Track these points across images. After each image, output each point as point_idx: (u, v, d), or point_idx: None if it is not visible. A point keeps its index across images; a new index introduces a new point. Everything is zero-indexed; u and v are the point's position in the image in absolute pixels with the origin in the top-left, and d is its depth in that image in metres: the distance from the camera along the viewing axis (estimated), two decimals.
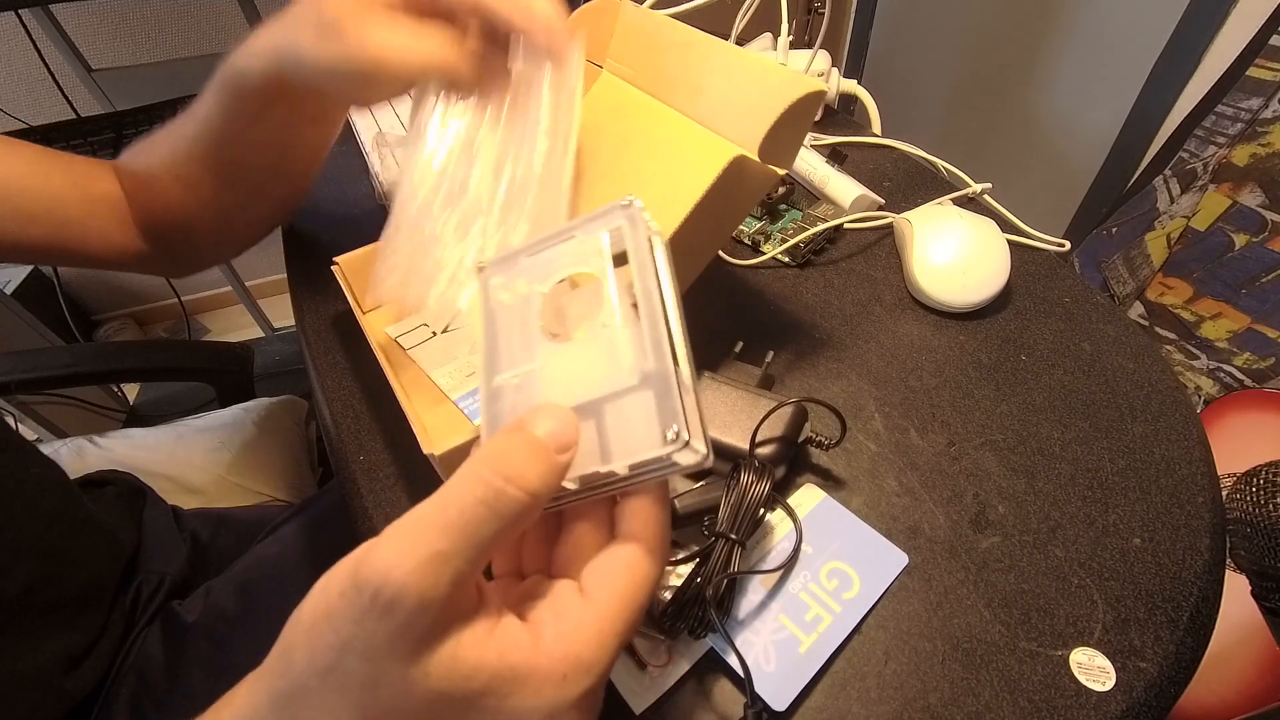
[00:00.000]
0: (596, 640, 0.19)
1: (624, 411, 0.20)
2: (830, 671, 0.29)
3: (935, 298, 0.45)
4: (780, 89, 0.33)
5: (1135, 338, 0.43)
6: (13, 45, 1.20)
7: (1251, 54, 0.93)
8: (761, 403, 0.34)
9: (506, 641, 0.18)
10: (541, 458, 0.19)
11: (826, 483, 0.36)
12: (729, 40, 0.57)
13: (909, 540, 0.33)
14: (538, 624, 0.19)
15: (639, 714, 0.28)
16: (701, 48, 0.38)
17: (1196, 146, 1.01)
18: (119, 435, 0.74)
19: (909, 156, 0.60)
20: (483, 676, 0.17)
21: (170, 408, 1.00)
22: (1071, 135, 1.24)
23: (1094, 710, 0.27)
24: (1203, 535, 0.33)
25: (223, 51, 0.34)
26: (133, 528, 0.55)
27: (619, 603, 0.19)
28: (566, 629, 0.19)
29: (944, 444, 0.38)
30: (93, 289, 1.63)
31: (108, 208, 0.44)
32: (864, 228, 0.53)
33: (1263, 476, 0.48)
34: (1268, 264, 0.98)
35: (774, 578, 0.31)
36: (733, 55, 0.37)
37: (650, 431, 0.19)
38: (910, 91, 1.53)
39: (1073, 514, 0.34)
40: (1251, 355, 1.03)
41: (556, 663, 0.18)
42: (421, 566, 0.16)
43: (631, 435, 0.20)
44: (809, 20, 1.38)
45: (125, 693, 0.46)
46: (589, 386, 0.21)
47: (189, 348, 0.82)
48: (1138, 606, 0.30)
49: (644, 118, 0.40)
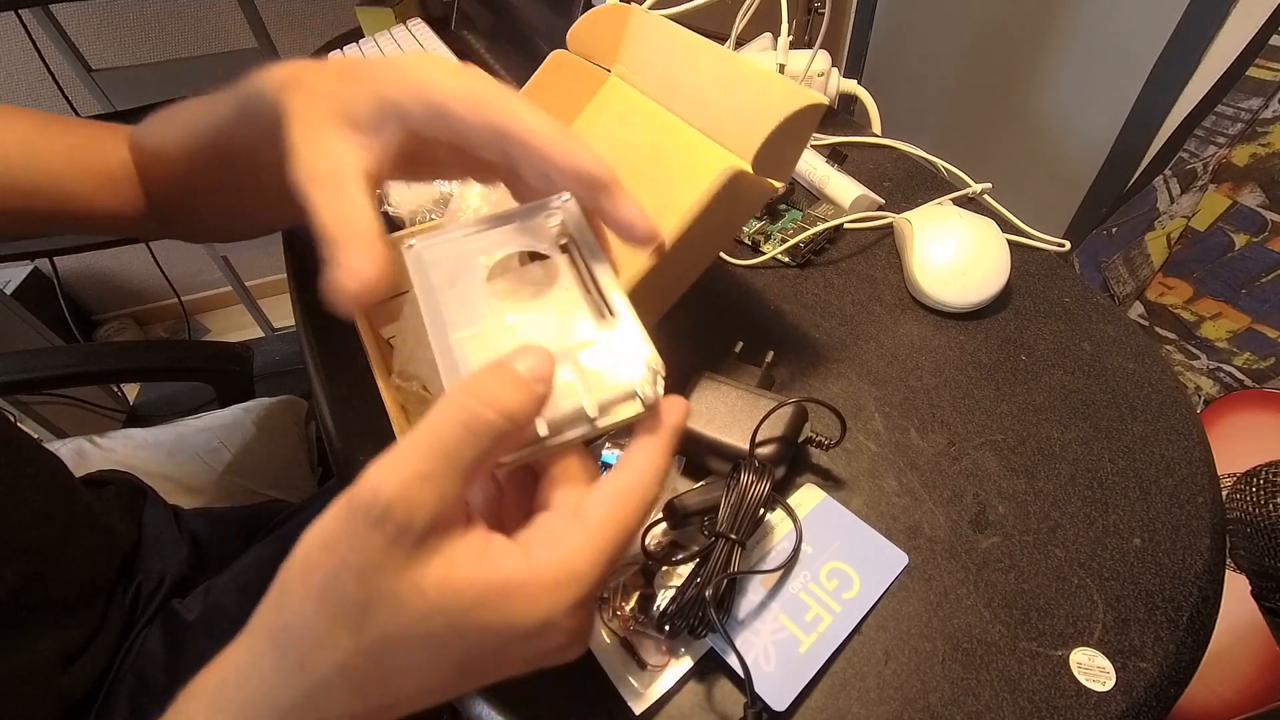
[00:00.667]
0: (589, 553, 0.19)
1: (593, 359, 0.22)
2: (830, 671, 0.29)
3: (935, 298, 0.45)
4: (779, 100, 0.33)
5: (1135, 338, 0.43)
6: (13, 45, 1.20)
7: (1251, 54, 0.93)
8: (761, 403, 0.34)
9: (499, 555, 0.19)
10: (519, 386, 0.19)
11: (826, 483, 0.36)
12: (729, 40, 0.57)
13: (909, 540, 0.33)
14: (528, 543, 0.20)
15: (639, 714, 0.28)
16: (707, 56, 0.38)
17: (1196, 146, 1.01)
18: (119, 435, 0.74)
19: (909, 156, 0.60)
20: (476, 589, 0.18)
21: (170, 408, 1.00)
22: (1071, 135, 1.24)
23: (1094, 710, 0.27)
24: (1203, 535, 0.33)
25: (222, 51, 0.34)
26: (132, 527, 0.55)
27: (612, 523, 0.20)
28: (557, 543, 0.19)
29: (944, 444, 0.38)
30: (93, 289, 1.63)
31: (109, 179, 0.43)
32: (864, 228, 0.53)
33: (1263, 476, 0.48)
34: (1268, 264, 0.98)
35: (774, 578, 0.31)
36: (737, 64, 0.36)
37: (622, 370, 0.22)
38: (910, 91, 1.53)
39: (1073, 514, 0.34)
40: (1251, 355, 1.03)
41: (550, 572, 0.19)
42: (408, 484, 0.17)
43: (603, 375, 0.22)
44: (809, 20, 1.38)
45: (125, 691, 0.46)
46: (556, 339, 0.23)
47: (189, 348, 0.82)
48: (1138, 606, 0.30)
49: (648, 124, 0.40)
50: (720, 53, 0.38)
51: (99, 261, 1.56)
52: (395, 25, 0.84)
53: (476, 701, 0.29)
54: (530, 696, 0.29)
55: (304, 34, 1.33)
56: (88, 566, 0.48)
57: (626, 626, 0.30)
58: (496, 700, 0.28)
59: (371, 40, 0.81)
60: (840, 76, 0.64)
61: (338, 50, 0.80)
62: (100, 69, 1.12)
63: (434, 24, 0.83)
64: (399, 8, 0.88)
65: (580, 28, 0.42)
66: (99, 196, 0.42)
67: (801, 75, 0.59)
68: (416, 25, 0.82)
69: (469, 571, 0.18)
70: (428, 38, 0.78)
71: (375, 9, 0.87)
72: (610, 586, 0.31)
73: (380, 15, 0.87)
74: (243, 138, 0.36)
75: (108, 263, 1.57)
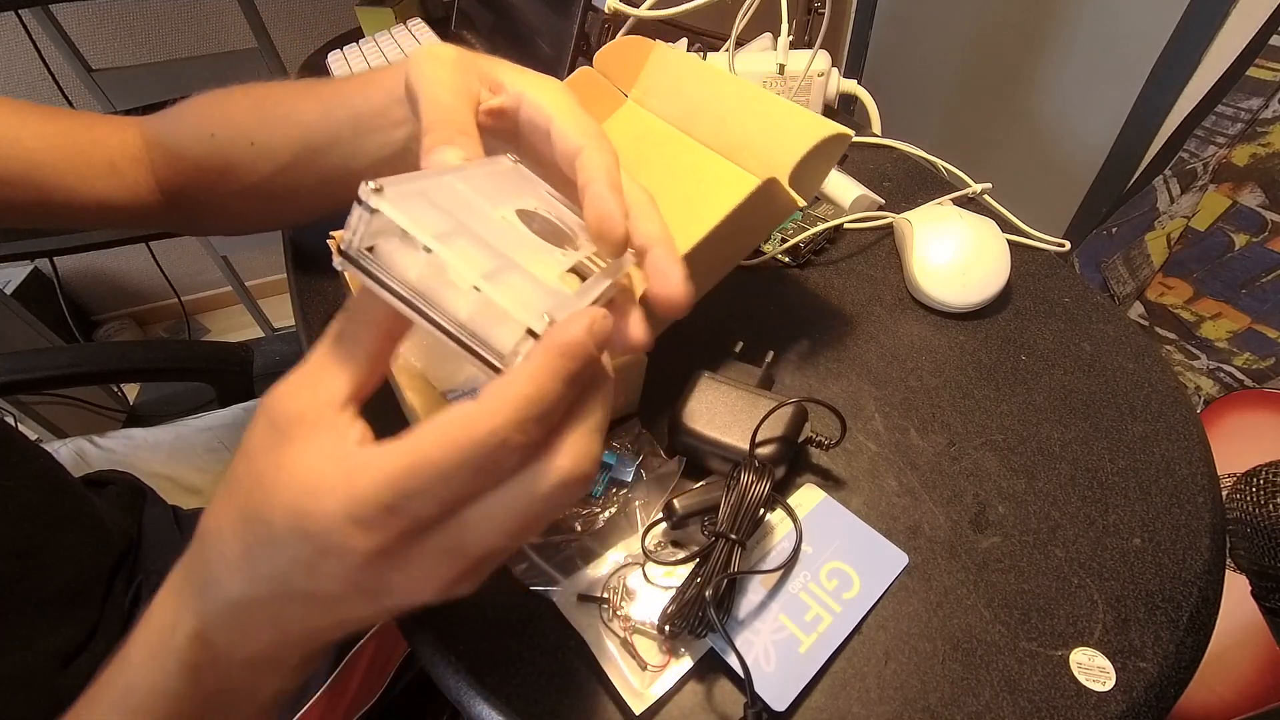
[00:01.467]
0: (374, 471, 0.17)
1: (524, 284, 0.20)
2: (830, 671, 0.29)
3: (935, 298, 0.45)
4: (816, 126, 0.36)
5: (1135, 338, 0.43)
6: (13, 45, 1.20)
7: (1251, 54, 0.93)
8: (761, 403, 0.34)
9: (339, 453, 0.18)
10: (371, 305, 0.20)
11: (826, 483, 0.36)
12: (729, 40, 0.57)
13: (909, 540, 0.33)
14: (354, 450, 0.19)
15: (639, 714, 0.28)
16: (732, 88, 0.40)
17: (1196, 146, 1.01)
18: (119, 435, 0.74)
19: (909, 156, 0.60)
20: (301, 475, 0.18)
21: (170, 408, 1.00)
22: (1071, 135, 1.25)
23: (1094, 710, 0.27)
24: (1203, 535, 0.33)
25: (222, 52, 0.34)
26: (130, 523, 0.55)
27: (412, 450, 0.17)
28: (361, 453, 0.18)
29: (944, 444, 0.38)
30: (93, 289, 1.63)
31: (107, 167, 0.42)
32: (864, 228, 0.53)
33: (1263, 476, 0.48)
34: (1268, 264, 0.98)
35: (774, 578, 0.31)
36: (765, 98, 0.39)
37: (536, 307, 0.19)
38: (910, 91, 1.53)
39: (1073, 514, 0.34)
40: (1251, 355, 1.03)
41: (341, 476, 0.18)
42: (294, 376, 0.20)
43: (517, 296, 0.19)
44: (809, 20, 1.38)
45: None
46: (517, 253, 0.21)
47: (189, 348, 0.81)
48: (1138, 606, 0.30)
49: (665, 145, 0.42)
50: (748, 86, 0.40)
51: (99, 261, 1.56)
52: (395, 25, 0.84)
53: (476, 701, 0.29)
54: (530, 696, 0.29)
55: (304, 34, 1.33)
56: (76, 565, 0.47)
57: (626, 626, 0.30)
58: (496, 699, 0.28)
59: (371, 40, 0.81)
60: (840, 76, 0.64)
61: (338, 50, 0.80)
62: (100, 69, 1.12)
63: (434, 24, 0.83)
64: (399, 8, 0.88)
65: (606, 53, 0.44)
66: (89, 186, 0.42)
67: (801, 75, 0.59)
68: (416, 25, 0.82)
69: (311, 460, 0.18)
70: (428, 38, 0.78)
71: (375, 9, 0.87)
72: (610, 586, 0.31)
73: (380, 15, 0.87)
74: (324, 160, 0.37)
75: (108, 263, 1.57)
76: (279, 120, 0.40)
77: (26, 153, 0.40)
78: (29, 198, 0.40)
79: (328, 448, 0.19)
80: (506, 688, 0.29)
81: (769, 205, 0.36)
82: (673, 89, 0.43)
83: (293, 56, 1.04)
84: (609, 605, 0.31)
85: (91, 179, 0.42)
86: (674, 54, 0.44)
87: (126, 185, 0.43)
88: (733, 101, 0.40)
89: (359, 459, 0.18)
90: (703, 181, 0.39)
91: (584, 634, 0.30)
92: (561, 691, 0.29)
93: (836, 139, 0.36)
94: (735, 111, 0.40)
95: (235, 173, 0.42)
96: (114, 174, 0.43)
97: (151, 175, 0.44)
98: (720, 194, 0.35)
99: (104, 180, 0.42)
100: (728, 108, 0.40)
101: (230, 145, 0.41)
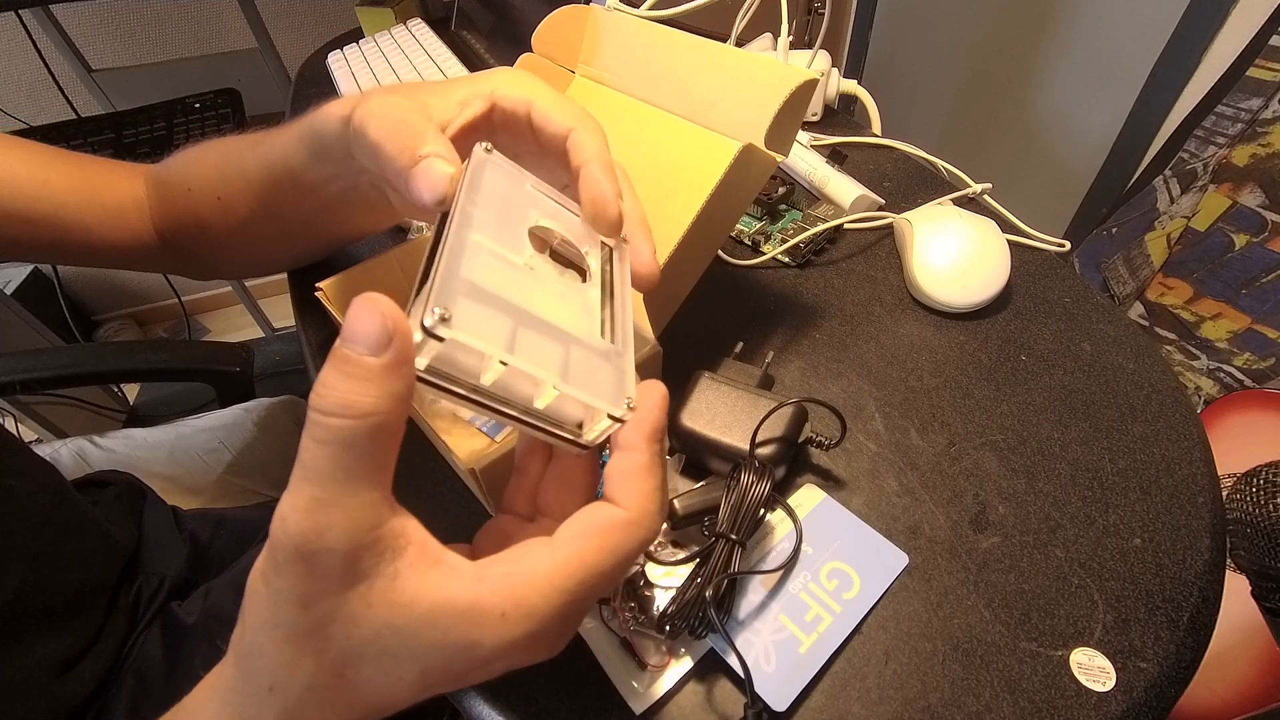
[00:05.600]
0: (545, 588, 0.18)
1: (586, 361, 0.21)
2: (830, 672, 0.29)
3: (935, 298, 0.45)
4: (778, 80, 0.34)
5: (1135, 338, 0.43)
6: (13, 45, 1.20)
7: (1251, 54, 0.93)
8: (761, 403, 0.34)
9: (448, 574, 0.18)
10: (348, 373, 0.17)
11: (826, 483, 0.36)
12: (729, 40, 0.57)
13: (909, 540, 0.33)
14: (487, 563, 0.19)
15: (639, 714, 0.28)
16: (685, 47, 0.38)
17: (1196, 147, 1.01)
18: (119, 435, 0.74)
19: (909, 157, 0.60)
20: (422, 607, 0.18)
21: (170, 408, 1.00)
22: (1071, 135, 1.24)
23: (1094, 710, 0.27)
24: (1203, 535, 0.33)
25: (222, 52, 0.34)
26: (132, 528, 0.55)
27: (579, 561, 0.19)
28: (515, 570, 0.19)
29: (944, 444, 0.38)
30: (93, 289, 1.63)
31: (118, 212, 0.44)
32: (864, 228, 0.53)
33: (1263, 476, 0.48)
34: (1268, 264, 0.98)
35: (774, 578, 0.31)
36: (721, 52, 0.37)
37: (603, 387, 0.21)
38: (910, 91, 1.53)
39: (1073, 514, 0.34)
40: (1251, 355, 1.03)
41: (496, 600, 0.18)
42: (308, 512, 0.17)
43: (590, 381, 0.21)
44: (809, 20, 1.38)
45: (124, 694, 0.46)
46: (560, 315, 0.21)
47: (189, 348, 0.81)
48: (1138, 606, 0.30)
49: (626, 117, 0.40)
50: (701, 42, 0.37)
51: None
52: (395, 25, 0.84)
53: (476, 701, 0.29)
54: (530, 696, 0.29)
55: (304, 34, 1.33)
56: (86, 571, 0.47)
57: (626, 626, 0.30)
58: (496, 700, 0.28)
59: (371, 40, 0.81)
60: (840, 77, 0.64)
61: (338, 50, 0.80)
62: (100, 69, 1.12)
63: (434, 24, 0.83)
64: (399, 8, 0.88)
65: (543, 31, 0.42)
66: (102, 229, 0.44)
67: None
68: (416, 25, 0.82)
69: (415, 586, 0.18)
70: (428, 38, 0.78)
71: (375, 9, 0.87)
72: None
73: (380, 15, 0.87)
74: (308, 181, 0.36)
75: None
76: (236, 175, 0.40)
77: (54, 194, 0.41)
78: (51, 237, 0.42)
79: (449, 569, 0.19)
80: (506, 688, 0.29)
81: (749, 169, 0.35)
82: (622, 56, 0.40)
83: (293, 57, 1.04)
84: (609, 605, 0.31)
85: (105, 222, 0.44)
86: (615, 17, 0.41)
87: (131, 230, 0.45)
88: (690, 61, 0.37)
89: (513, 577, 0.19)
90: (679, 154, 0.37)
91: (584, 634, 0.30)
92: (561, 691, 0.29)
93: (806, 86, 0.34)
94: (695, 71, 0.37)
95: (212, 225, 0.43)
96: (122, 218, 0.44)
97: (151, 222, 0.46)
98: (700, 167, 0.34)
99: (114, 223, 0.44)
100: (686, 68, 0.37)
101: (201, 199, 0.42)
